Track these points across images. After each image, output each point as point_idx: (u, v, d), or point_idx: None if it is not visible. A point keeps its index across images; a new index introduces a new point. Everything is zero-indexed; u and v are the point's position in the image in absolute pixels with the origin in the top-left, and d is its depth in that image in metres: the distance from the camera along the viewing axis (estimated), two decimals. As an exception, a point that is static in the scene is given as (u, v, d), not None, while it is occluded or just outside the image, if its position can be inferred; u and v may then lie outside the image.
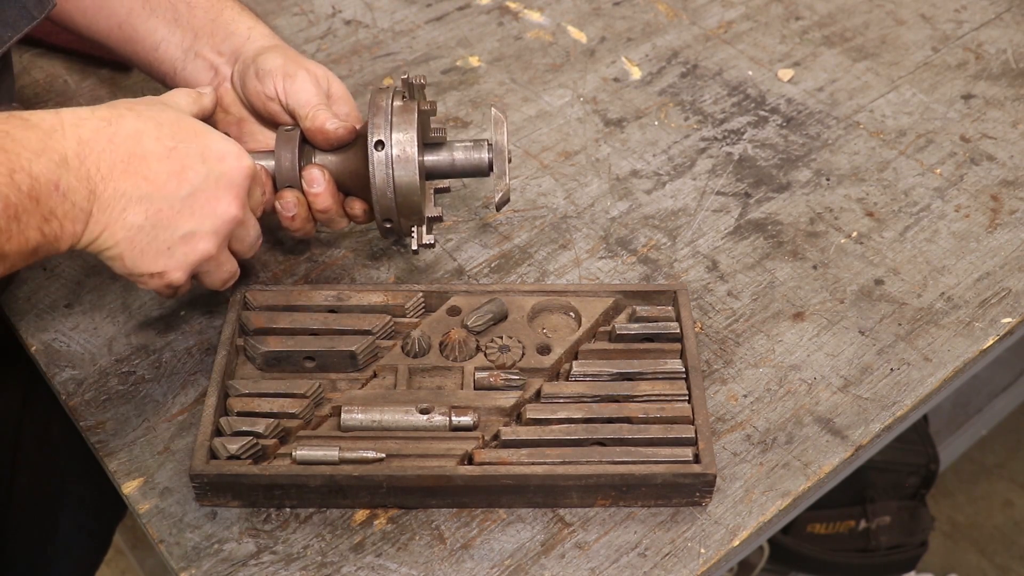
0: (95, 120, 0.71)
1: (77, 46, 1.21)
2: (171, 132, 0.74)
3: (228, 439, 0.79)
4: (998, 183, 1.08)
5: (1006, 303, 0.97)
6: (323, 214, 0.89)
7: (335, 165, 0.89)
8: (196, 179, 0.75)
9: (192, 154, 0.75)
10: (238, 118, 0.94)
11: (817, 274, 0.99)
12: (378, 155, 0.85)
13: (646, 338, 0.89)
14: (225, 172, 0.77)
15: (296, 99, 0.88)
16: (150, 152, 0.73)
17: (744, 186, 1.08)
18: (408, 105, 0.87)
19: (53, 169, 0.67)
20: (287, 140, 0.89)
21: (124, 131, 0.72)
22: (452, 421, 0.82)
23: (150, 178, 0.72)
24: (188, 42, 0.93)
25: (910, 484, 1.80)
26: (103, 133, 0.71)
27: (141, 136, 0.72)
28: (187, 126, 0.76)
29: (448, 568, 0.78)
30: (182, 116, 0.77)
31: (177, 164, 0.74)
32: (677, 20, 1.29)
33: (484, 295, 0.91)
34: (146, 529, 0.80)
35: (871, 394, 0.89)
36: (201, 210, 0.76)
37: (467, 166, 0.91)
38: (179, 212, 0.74)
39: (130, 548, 1.94)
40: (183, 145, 0.75)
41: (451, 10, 1.29)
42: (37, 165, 0.66)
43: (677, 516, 0.81)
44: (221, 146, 0.77)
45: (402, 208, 0.87)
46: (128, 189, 0.71)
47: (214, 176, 0.76)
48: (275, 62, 0.89)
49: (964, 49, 1.25)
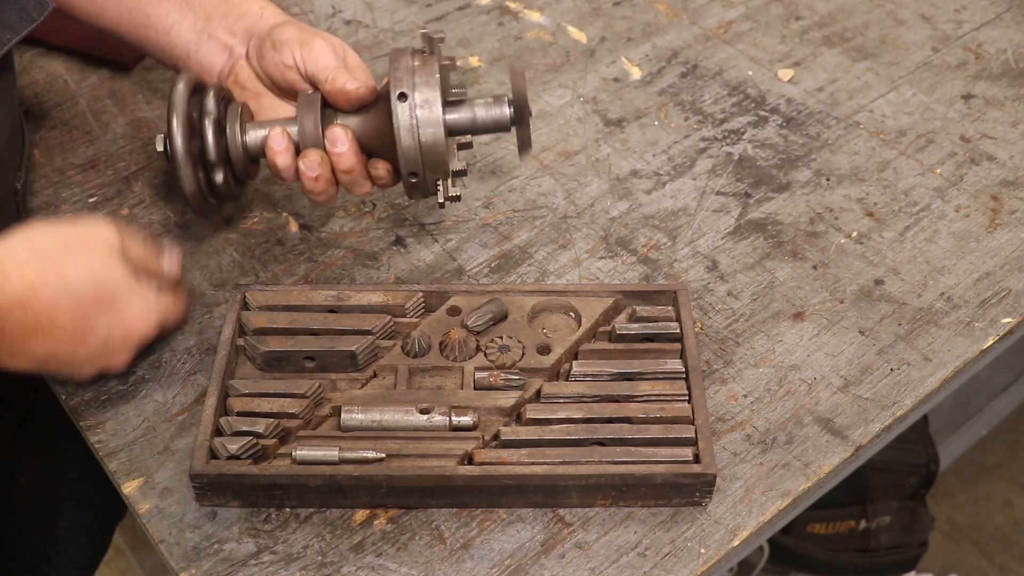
0: (17, 286, 0.74)
1: (77, 46, 1.21)
2: (89, 303, 0.77)
3: (228, 439, 0.79)
4: (998, 183, 1.08)
5: (1006, 303, 0.97)
6: (347, 175, 0.90)
7: (358, 126, 0.90)
8: (93, 346, 0.79)
9: (99, 325, 0.78)
10: (255, 93, 0.95)
11: (817, 274, 0.99)
12: (402, 107, 0.85)
13: (646, 338, 0.89)
14: (123, 337, 0.81)
15: (315, 64, 0.89)
16: (57, 325, 0.76)
17: (744, 186, 1.08)
18: (429, 59, 0.88)
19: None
20: (309, 103, 0.89)
21: (41, 303, 0.75)
22: (452, 421, 0.82)
23: (45, 343, 0.76)
24: (201, 24, 0.94)
25: (910, 484, 1.80)
26: (19, 302, 0.74)
27: (55, 313, 0.76)
28: (107, 295, 0.79)
29: (448, 568, 0.78)
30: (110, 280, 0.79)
31: (81, 337, 0.78)
32: (677, 20, 1.29)
33: (484, 295, 0.91)
34: (146, 529, 0.80)
35: (871, 394, 0.89)
36: (89, 364, 0.81)
37: (488, 121, 0.91)
38: (66, 364, 0.80)
39: (130, 548, 1.94)
40: (93, 315, 0.78)
41: (451, 10, 1.29)
42: None
43: (677, 516, 0.81)
44: (133, 313, 0.81)
45: (427, 160, 0.87)
46: (18, 347, 0.76)
47: (113, 342, 0.80)
48: (291, 32, 0.90)
49: (964, 49, 1.25)
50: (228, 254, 1.00)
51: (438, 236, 1.02)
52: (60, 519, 1.16)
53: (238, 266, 0.99)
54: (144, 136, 1.11)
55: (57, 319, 0.76)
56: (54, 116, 1.14)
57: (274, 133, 0.89)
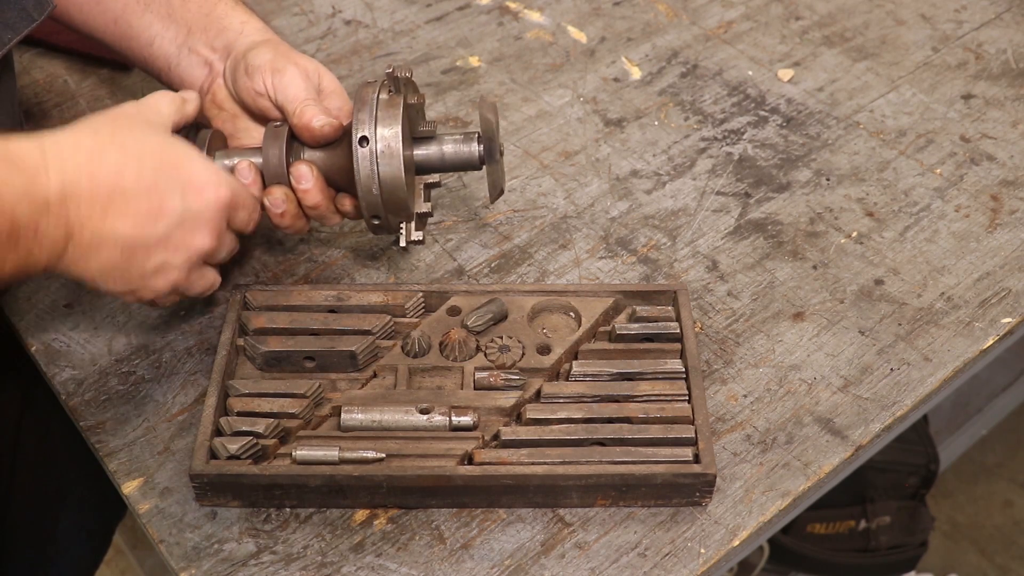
0: (79, 156, 0.71)
1: (77, 46, 1.21)
2: (152, 166, 0.74)
3: (228, 439, 0.79)
4: (998, 183, 1.08)
5: (1006, 303, 0.97)
6: (313, 210, 0.89)
7: (324, 161, 0.88)
8: (173, 216, 0.75)
9: (171, 189, 0.75)
10: (232, 114, 0.93)
11: (817, 274, 0.99)
12: (362, 151, 0.84)
13: (646, 338, 0.89)
14: (203, 207, 0.77)
15: (284, 95, 0.88)
16: (130, 190, 0.73)
17: (744, 186, 1.08)
18: (394, 99, 0.86)
19: (33, 214, 0.68)
20: (275, 136, 0.88)
21: (106, 168, 0.72)
22: (452, 421, 0.82)
23: (128, 217, 0.73)
24: (182, 38, 0.93)
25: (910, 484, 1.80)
26: (85, 170, 0.71)
27: (122, 173, 0.73)
28: (169, 156, 0.76)
29: (448, 568, 0.78)
30: (165, 143, 0.77)
31: (156, 201, 0.74)
32: (677, 20, 1.29)
33: (484, 295, 0.91)
34: (146, 529, 0.80)
35: (871, 394, 0.89)
36: (175, 245, 0.76)
37: (457, 160, 0.90)
38: (153, 248, 0.75)
39: (130, 548, 1.94)
40: (163, 180, 0.75)
41: (451, 10, 1.29)
42: (19, 208, 0.67)
43: (677, 516, 0.81)
44: (201, 177, 0.77)
45: (388, 204, 0.86)
46: (105, 231, 0.72)
47: (192, 212, 0.76)
48: (264, 57, 0.88)
49: (964, 49, 1.25)
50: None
51: (438, 236, 1.02)
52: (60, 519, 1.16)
53: (238, 266, 0.99)
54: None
55: (126, 184, 0.72)
56: (54, 116, 1.14)
57: (241, 167, 0.87)
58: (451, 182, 1.07)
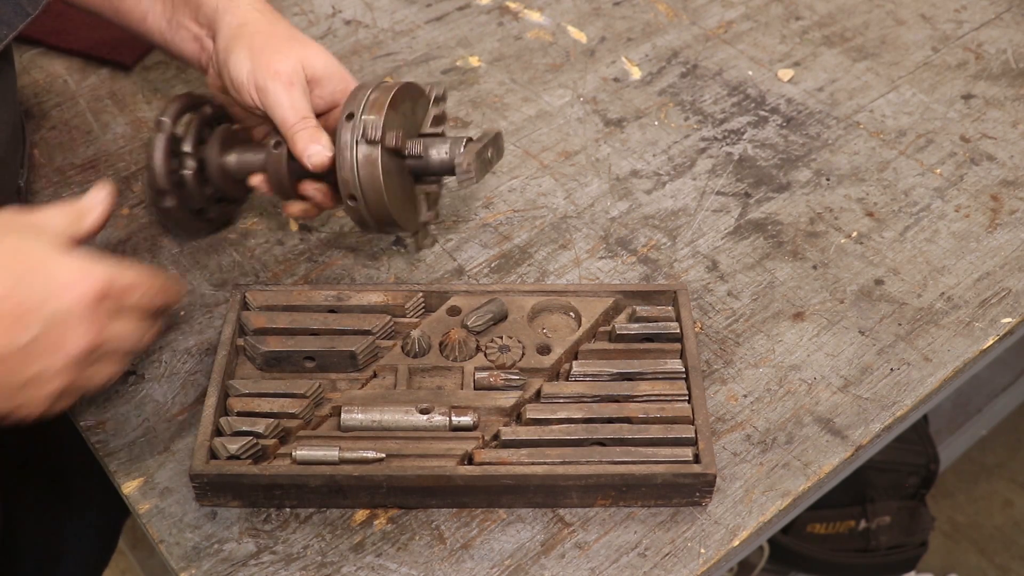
0: None
1: (77, 46, 1.21)
2: (10, 274, 0.66)
3: (228, 439, 0.79)
4: (998, 183, 1.08)
5: (1006, 303, 0.97)
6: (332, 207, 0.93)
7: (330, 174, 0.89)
8: (37, 324, 0.66)
9: (31, 297, 0.66)
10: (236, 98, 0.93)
11: (817, 274, 0.99)
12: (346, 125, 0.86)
13: (646, 338, 0.89)
14: (71, 305, 0.67)
15: (274, 116, 0.87)
16: None
17: (744, 186, 1.08)
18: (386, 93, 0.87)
19: None
20: (276, 161, 0.90)
21: None
22: (452, 421, 0.82)
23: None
24: (169, 12, 0.93)
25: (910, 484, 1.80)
26: None
27: None
28: (29, 259, 0.67)
29: (448, 568, 0.78)
30: (29, 248, 0.68)
31: (15, 309, 0.65)
32: (677, 20, 1.29)
33: (484, 295, 0.91)
34: (146, 529, 0.80)
35: (871, 394, 0.89)
36: (47, 350, 0.67)
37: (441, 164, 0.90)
38: (23, 360, 0.66)
39: (130, 548, 1.94)
40: (23, 286, 0.66)
41: (451, 10, 1.29)
42: None
43: (677, 516, 0.81)
44: (65, 275, 0.67)
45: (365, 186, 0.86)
46: None
47: (59, 313, 0.67)
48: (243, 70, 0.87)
49: (964, 49, 1.25)
50: (228, 254, 1.00)
51: (438, 236, 1.02)
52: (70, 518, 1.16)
53: (238, 266, 0.99)
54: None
55: None
56: (54, 116, 1.14)
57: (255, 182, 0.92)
58: (451, 182, 1.07)
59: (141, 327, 0.73)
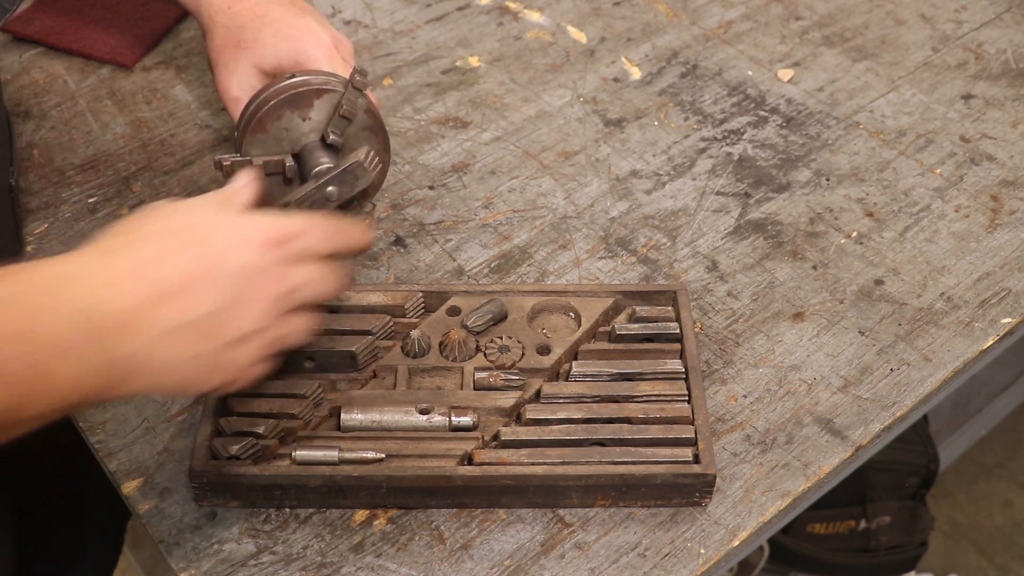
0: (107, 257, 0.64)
1: (77, 46, 1.21)
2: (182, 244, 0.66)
3: (228, 439, 0.79)
4: (998, 183, 1.08)
5: (1006, 303, 0.97)
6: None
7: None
8: (224, 280, 0.65)
9: (207, 255, 0.66)
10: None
11: (817, 274, 0.99)
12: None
13: (646, 338, 0.89)
14: (249, 260, 0.67)
15: None
16: (171, 276, 0.64)
17: (744, 186, 1.08)
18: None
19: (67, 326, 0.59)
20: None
21: (140, 261, 0.64)
22: (452, 421, 0.82)
23: (179, 300, 0.64)
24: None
25: (910, 484, 1.80)
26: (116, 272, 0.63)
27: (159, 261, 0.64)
28: (194, 228, 0.67)
29: (448, 568, 0.78)
30: (187, 217, 0.69)
31: (196, 275, 0.65)
32: (677, 20, 1.29)
33: (484, 295, 0.91)
34: (146, 529, 0.80)
35: (871, 394, 0.89)
36: (237, 311, 0.66)
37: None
38: (228, 320, 0.66)
39: (130, 548, 1.94)
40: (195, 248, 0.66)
41: (451, 10, 1.29)
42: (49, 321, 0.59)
43: (677, 516, 0.81)
44: (234, 233, 0.68)
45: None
46: (162, 324, 0.63)
47: (240, 271, 0.66)
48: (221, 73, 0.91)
49: (964, 49, 1.25)
50: (228, 254, 1.00)
51: (438, 236, 1.02)
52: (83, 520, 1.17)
53: (238, 266, 0.99)
54: (144, 136, 1.11)
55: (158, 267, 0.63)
56: (54, 116, 1.14)
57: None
58: (451, 182, 1.07)
59: (326, 272, 0.71)
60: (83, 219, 1.02)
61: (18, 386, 0.56)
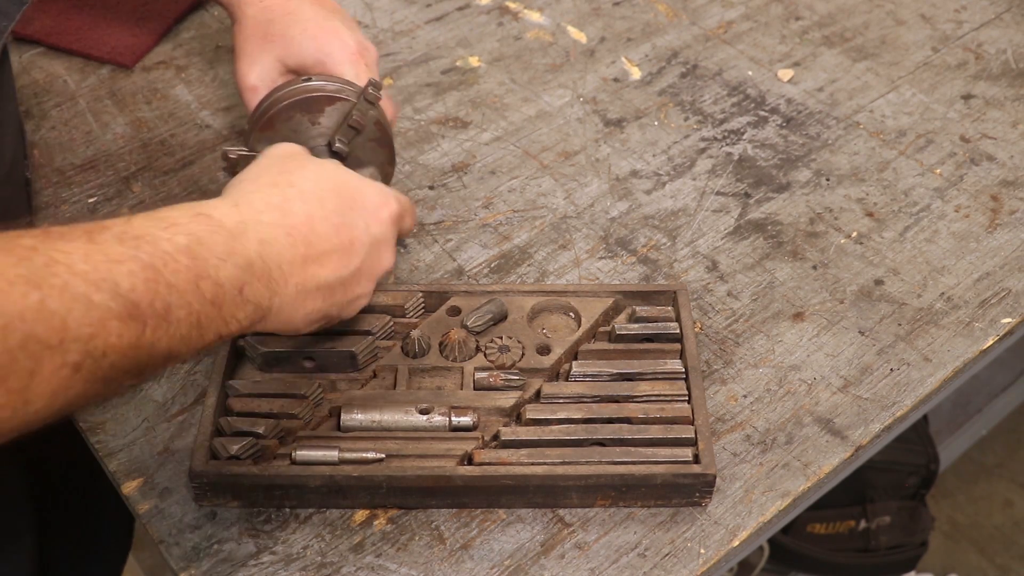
0: (271, 213, 0.69)
1: (77, 46, 1.21)
2: (334, 206, 0.73)
3: (228, 439, 0.79)
4: (998, 183, 1.08)
5: (1006, 303, 0.97)
6: None
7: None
8: (362, 250, 0.74)
9: (355, 222, 0.74)
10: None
11: (817, 274, 0.99)
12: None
13: (646, 338, 0.89)
14: (384, 229, 0.77)
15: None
16: (322, 235, 0.71)
17: (744, 186, 1.08)
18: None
19: (238, 275, 0.64)
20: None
21: (297, 219, 0.70)
22: (452, 421, 0.82)
23: (324, 264, 0.71)
24: None
25: (910, 484, 1.80)
26: (280, 227, 0.69)
27: (312, 220, 0.71)
28: (344, 189, 0.75)
29: (448, 568, 0.78)
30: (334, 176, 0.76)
31: (346, 240, 0.73)
32: (677, 20, 1.29)
33: (484, 295, 0.91)
34: (146, 529, 0.80)
35: (871, 394, 0.89)
36: (367, 274, 0.76)
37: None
38: (349, 283, 0.74)
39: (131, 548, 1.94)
40: (347, 215, 0.74)
41: (451, 10, 1.29)
42: (223, 271, 0.62)
43: (677, 516, 0.81)
44: (375, 200, 0.77)
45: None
46: (307, 282, 0.70)
47: (376, 238, 0.76)
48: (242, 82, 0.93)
49: (964, 49, 1.25)
50: (228, 254, 1.00)
51: (438, 236, 1.02)
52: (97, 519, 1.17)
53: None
54: (144, 136, 1.11)
55: (317, 231, 0.71)
56: (54, 116, 1.14)
57: None
58: (451, 182, 1.07)
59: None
60: (83, 219, 1.02)
61: (195, 325, 0.61)
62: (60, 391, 0.53)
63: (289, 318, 0.70)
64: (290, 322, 0.71)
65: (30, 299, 0.51)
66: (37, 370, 0.51)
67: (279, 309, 0.68)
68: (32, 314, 0.51)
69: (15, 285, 0.51)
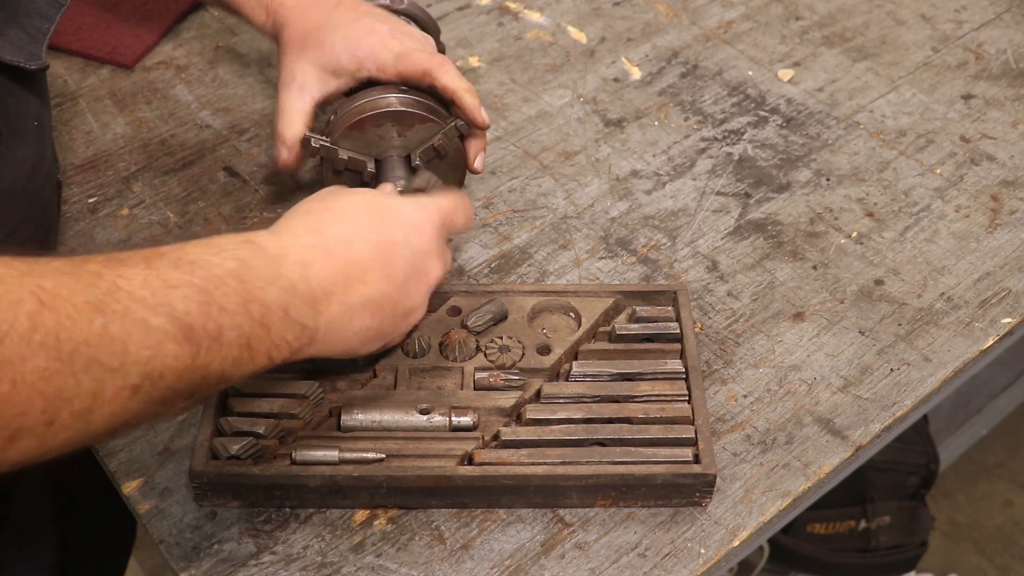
0: (309, 236, 0.71)
1: (77, 46, 1.21)
2: (371, 224, 0.75)
3: (228, 439, 0.79)
4: (998, 183, 1.08)
5: (1006, 303, 0.97)
6: None
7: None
8: (404, 264, 0.75)
9: (395, 238, 0.75)
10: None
11: (817, 274, 0.99)
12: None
13: (646, 338, 0.89)
14: (426, 241, 0.78)
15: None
16: (360, 253, 0.73)
17: (744, 186, 1.08)
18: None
19: (284, 297, 0.66)
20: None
21: (333, 240, 0.72)
22: (452, 421, 0.82)
23: (367, 280, 0.73)
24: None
25: (910, 484, 1.80)
26: (318, 248, 0.71)
27: (350, 240, 0.73)
28: (380, 208, 0.77)
29: (448, 568, 0.78)
30: (372, 198, 0.78)
31: (385, 254, 0.74)
32: (677, 20, 1.29)
33: (484, 295, 0.91)
34: (146, 529, 0.80)
35: (871, 394, 0.89)
36: (415, 287, 0.77)
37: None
38: (398, 298, 0.75)
39: (130, 548, 1.94)
40: (385, 232, 0.75)
41: (451, 10, 1.29)
42: (269, 294, 0.65)
43: (677, 516, 0.81)
44: (413, 216, 0.78)
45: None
46: (350, 299, 0.71)
47: (419, 250, 0.77)
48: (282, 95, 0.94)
49: (964, 49, 1.25)
50: (228, 254, 1.00)
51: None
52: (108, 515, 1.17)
53: (238, 266, 0.99)
54: (144, 136, 1.11)
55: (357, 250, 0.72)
56: (54, 116, 1.14)
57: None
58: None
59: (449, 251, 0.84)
60: (83, 219, 1.02)
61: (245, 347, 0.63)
62: (120, 412, 0.55)
63: (340, 338, 0.72)
64: (343, 342, 0.72)
65: (95, 325, 0.53)
66: (99, 392, 0.54)
67: (327, 328, 0.70)
68: (96, 339, 0.53)
69: (83, 312, 0.53)
